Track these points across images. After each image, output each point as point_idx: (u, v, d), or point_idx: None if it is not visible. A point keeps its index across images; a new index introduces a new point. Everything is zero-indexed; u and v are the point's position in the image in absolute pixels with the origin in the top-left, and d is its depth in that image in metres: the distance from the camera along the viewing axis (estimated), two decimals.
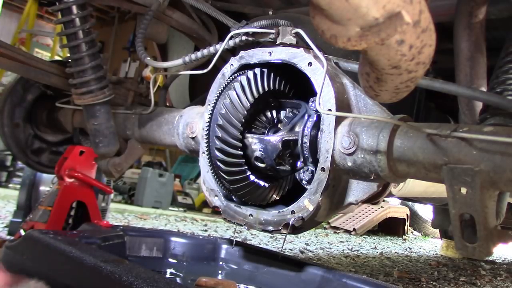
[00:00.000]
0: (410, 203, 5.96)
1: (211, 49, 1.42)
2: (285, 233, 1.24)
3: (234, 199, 1.37)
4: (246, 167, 1.30)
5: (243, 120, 1.29)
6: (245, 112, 1.28)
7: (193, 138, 1.50)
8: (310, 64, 1.21)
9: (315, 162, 1.21)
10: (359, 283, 1.46)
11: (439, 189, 2.09)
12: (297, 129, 1.29)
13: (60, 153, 2.22)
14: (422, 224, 6.34)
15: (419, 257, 4.52)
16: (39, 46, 10.21)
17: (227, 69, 1.38)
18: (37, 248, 1.40)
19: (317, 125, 1.22)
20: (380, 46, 0.68)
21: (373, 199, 1.28)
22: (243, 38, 1.37)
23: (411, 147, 1.03)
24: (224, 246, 1.84)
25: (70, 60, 1.61)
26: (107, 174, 1.80)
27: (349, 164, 1.13)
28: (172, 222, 4.65)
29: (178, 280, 1.73)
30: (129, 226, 2.53)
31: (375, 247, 4.73)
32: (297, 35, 1.28)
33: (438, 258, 4.65)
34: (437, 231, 5.61)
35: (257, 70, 1.32)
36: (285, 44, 1.28)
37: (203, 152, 1.37)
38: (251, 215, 1.30)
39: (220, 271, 1.80)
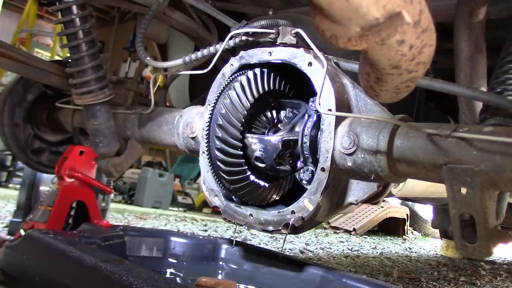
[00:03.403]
0: (410, 203, 5.96)
1: (211, 49, 1.42)
2: (285, 233, 1.24)
3: (234, 199, 1.37)
4: (246, 167, 1.30)
5: (243, 120, 1.29)
6: (245, 112, 1.28)
7: (193, 138, 1.50)
8: (310, 64, 1.21)
9: (315, 162, 1.21)
10: (359, 283, 1.46)
11: (439, 189, 2.09)
12: (297, 129, 1.29)
13: (60, 153, 2.22)
14: (422, 224, 6.34)
15: (419, 257, 4.52)
16: (39, 46, 10.20)
17: (227, 69, 1.38)
18: (37, 248, 1.40)
19: (317, 125, 1.22)
20: (380, 46, 0.67)
21: (373, 199, 1.28)
22: (243, 38, 1.37)
23: (411, 147, 1.03)
24: (224, 246, 1.84)
25: (70, 60, 1.61)
26: (107, 174, 1.80)
27: (349, 164, 1.13)
28: (172, 222, 4.65)
29: (178, 280, 1.73)
30: (129, 226, 2.52)
31: (375, 247, 4.73)
32: (297, 35, 1.28)
33: (438, 258, 4.65)
34: (437, 231, 5.61)
35: (257, 70, 1.31)
36: (285, 44, 1.28)
37: (203, 152, 1.37)
38: (251, 215, 1.30)
39: (220, 271, 1.80)
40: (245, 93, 1.29)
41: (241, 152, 1.29)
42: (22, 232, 1.87)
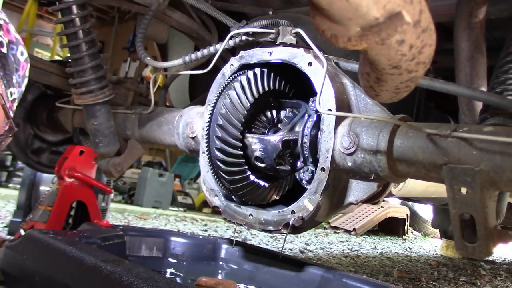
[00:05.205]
0: (410, 203, 5.96)
1: (211, 49, 1.42)
2: (285, 233, 1.24)
3: (234, 199, 1.37)
4: (246, 167, 1.30)
5: (243, 120, 1.28)
6: (245, 112, 1.28)
7: (193, 138, 1.50)
8: (310, 64, 1.21)
9: (315, 162, 1.21)
10: (359, 283, 1.46)
11: (439, 189, 2.09)
12: (297, 129, 1.29)
13: (60, 153, 2.22)
14: (422, 224, 6.34)
15: (419, 257, 4.52)
16: (39, 46, 10.21)
17: (227, 69, 1.38)
18: (37, 248, 1.40)
19: (317, 125, 1.22)
20: (380, 46, 0.67)
21: (373, 199, 1.28)
22: (243, 38, 1.37)
23: (411, 147, 1.03)
24: (224, 246, 1.84)
25: (70, 60, 1.61)
26: (107, 174, 1.80)
27: (349, 164, 1.13)
28: (172, 222, 4.66)
29: (178, 280, 1.73)
30: (129, 226, 2.53)
31: (375, 247, 4.72)
32: (297, 35, 1.28)
33: (438, 258, 4.65)
34: (437, 231, 5.61)
35: (257, 70, 1.31)
36: (285, 44, 1.28)
37: (203, 152, 1.36)
38: (251, 215, 1.30)
39: (220, 271, 1.80)
40: (245, 93, 1.29)
41: (241, 152, 1.29)
42: (22, 232, 1.87)
